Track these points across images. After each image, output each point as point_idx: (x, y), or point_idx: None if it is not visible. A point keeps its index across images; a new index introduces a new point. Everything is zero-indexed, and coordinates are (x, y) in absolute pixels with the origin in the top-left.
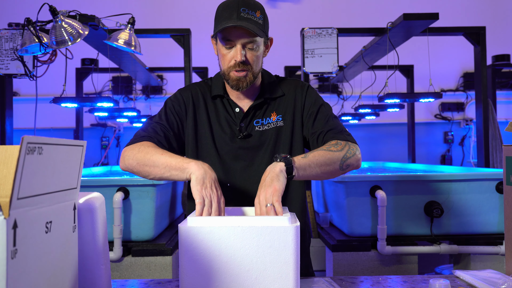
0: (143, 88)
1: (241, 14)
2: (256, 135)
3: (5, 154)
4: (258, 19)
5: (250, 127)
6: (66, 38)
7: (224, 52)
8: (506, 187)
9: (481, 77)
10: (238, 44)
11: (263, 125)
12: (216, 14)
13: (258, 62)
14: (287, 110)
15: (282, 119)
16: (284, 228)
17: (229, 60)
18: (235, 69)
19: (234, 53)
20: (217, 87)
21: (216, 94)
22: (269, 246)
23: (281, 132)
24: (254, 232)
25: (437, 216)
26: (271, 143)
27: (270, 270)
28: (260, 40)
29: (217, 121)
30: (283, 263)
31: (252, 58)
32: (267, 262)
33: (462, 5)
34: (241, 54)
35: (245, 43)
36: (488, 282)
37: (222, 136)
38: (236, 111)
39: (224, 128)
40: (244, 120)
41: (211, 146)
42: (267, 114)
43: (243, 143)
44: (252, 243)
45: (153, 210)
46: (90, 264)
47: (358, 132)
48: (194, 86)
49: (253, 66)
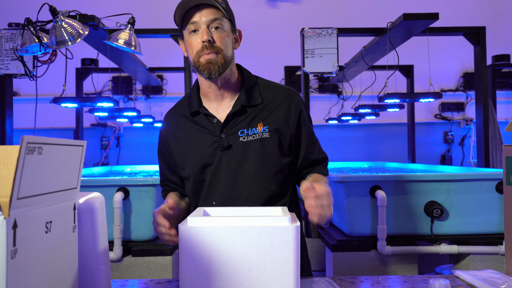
0: (143, 88)
1: None
2: (239, 146)
3: (5, 154)
4: (221, 4)
5: (233, 138)
6: (66, 38)
7: (190, 39)
8: (506, 187)
9: (481, 77)
10: (203, 25)
11: (248, 136)
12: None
13: (227, 45)
14: (276, 122)
15: (269, 131)
16: (285, 228)
17: (196, 45)
18: (204, 52)
19: (200, 34)
20: (192, 103)
21: (193, 110)
22: (269, 246)
23: (266, 145)
24: (254, 232)
25: (437, 216)
26: (256, 156)
27: (270, 270)
28: (226, 21)
29: (198, 137)
30: (284, 262)
31: (219, 39)
32: (267, 262)
33: (462, 5)
34: (207, 33)
35: (209, 22)
36: (488, 282)
37: (202, 152)
38: (214, 122)
39: (205, 142)
40: (224, 130)
41: (191, 165)
42: (253, 124)
43: (226, 156)
44: (253, 243)
45: (153, 210)
46: (90, 264)
47: (358, 132)
48: (169, 114)
49: (222, 48)
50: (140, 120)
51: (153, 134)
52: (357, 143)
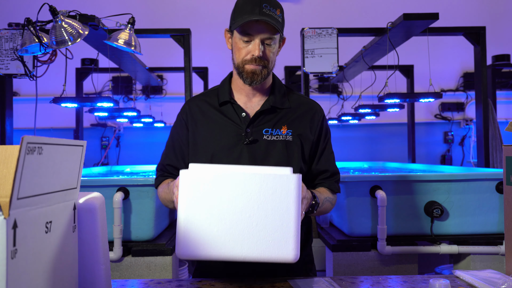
0: (143, 88)
1: (263, 9)
2: (262, 143)
3: (5, 154)
4: (278, 17)
5: (257, 135)
6: (66, 38)
7: (241, 45)
8: (506, 187)
9: (481, 77)
10: (257, 39)
11: (272, 135)
12: (236, 7)
13: (273, 58)
14: (299, 128)
15: (292, 135)
16: (287, 176)
17: (246, 54)
18: (251, 63)
19: (252, 47)
20: (223, 93)
21: (223, 100)
22: (271, 194)
23: (289, 147)
24: (257, 179)
25: (437, 216)
26: (279, 155)
27: (271, 217)
28: (277, 37)
29: (222, 127)
30: (285, 210)
31: (269, 54)
32: (268, 209)
33: (462, 5)
34: (260, 49)
35: (265, 38)
36: (488, 282)
37: (226, 141)
38: (242, 116)
39: (229, 133)
40: (251, 126)
41: (212, 152)
42: (278, 125)
43: (248, 149)
44: (255, 189)
45: (153, 210)
46: (90, 264)
47: (358, 132)
48: (194, 99)
49: (269, 62)
50: (140, 120)
51: (153, 134)
52: (357, 143)
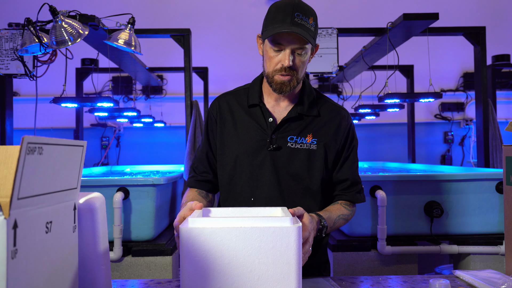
0: (143, 88)
1: (295, 19)
2: (286, 151)
3: (5, 154)
4: (311, 26)
5: (282, 141)
6: (66, 38)
7: (272, 54)
8: (506, 187)
9: (481, 77)
10: (287, 49)
11: (296, 143)
12: (268, 14)
13: (303, 68)
14: (325, 137)
15: (316, 143)
16: (287, 229)
17: (276, 63)
18: (281, 73)
19: (282, 57)
20: (253, 95)
21: (252, 103)
22: (271, 247)
23: (313, 156)
24: (256, 233)
25: (437, 216)
26: (301, 164)
27: (272, 271)
28: (309, 47)
29: (249, 130)
30: (286, 263)
31: (299, 63)
32: (269, 263)
33: (462, 5)
34: (289, 60)
35: (295, 48)
36: (488, 282)
37: (250, 145)
38: (269, 121)
39: (254, 136)
40: (276, 132)
41: (236, 153)
42: (303, 133)
43: (271, 156)
44: (255, 244)
45: (153, 210)
46: (90, 264)
47: (358, 132)
48: (225, 96)
49: (299, 71)
50: (140, 120)
51: (153, 134)
52: None
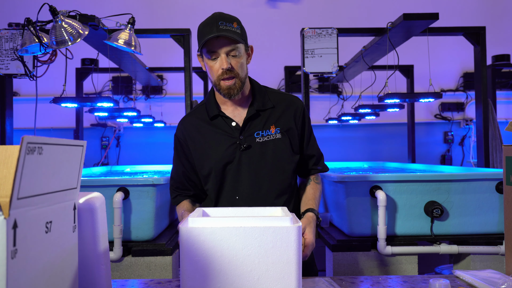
0: (143, 88)
1: (220, 27)
2: (256, 147)
3: (5, 154)
4: (236, 29)
5: (250, 139)
6: (66, 38)
7: (211, 64)
8: (506, 187)
9: (481, 77)
10: (222, 53)
11: (263, 137)
12: (198, 33)
13: (243, 68)
14: (285, 124)
15: (280, 132)
16: (287, 229)
17: (217, 70)
18: (223, 77)
19: (219, 62)
20: (211, 108)
21: (212, 115)
22: (271, 247)
23: (280, 144)
24: (256, 233)
25: (437, 216)
26: (272, 154)
27: (272, 271)
28: (241, 46)
29: (218, 139)
30: (286, 263)
31: (236, 64)
32: (269, 262)
33: (462, 5)
34: (227, 62)
35: (228, 51)
36: (488, 282)
37: (223, 152)
38: (233, 125)
39: (225, 143)
40: (243, 133)
41: (213, 164)
42: (266, 126)
43: (245, 155)
44: (254, 243)
45: (153, 210)
46: (90, 264)
47: (358, 132)
48: (186, 118)
49: (239, 72)
50: (140, 120)
51: (153, 134)
52: (357, 143)
